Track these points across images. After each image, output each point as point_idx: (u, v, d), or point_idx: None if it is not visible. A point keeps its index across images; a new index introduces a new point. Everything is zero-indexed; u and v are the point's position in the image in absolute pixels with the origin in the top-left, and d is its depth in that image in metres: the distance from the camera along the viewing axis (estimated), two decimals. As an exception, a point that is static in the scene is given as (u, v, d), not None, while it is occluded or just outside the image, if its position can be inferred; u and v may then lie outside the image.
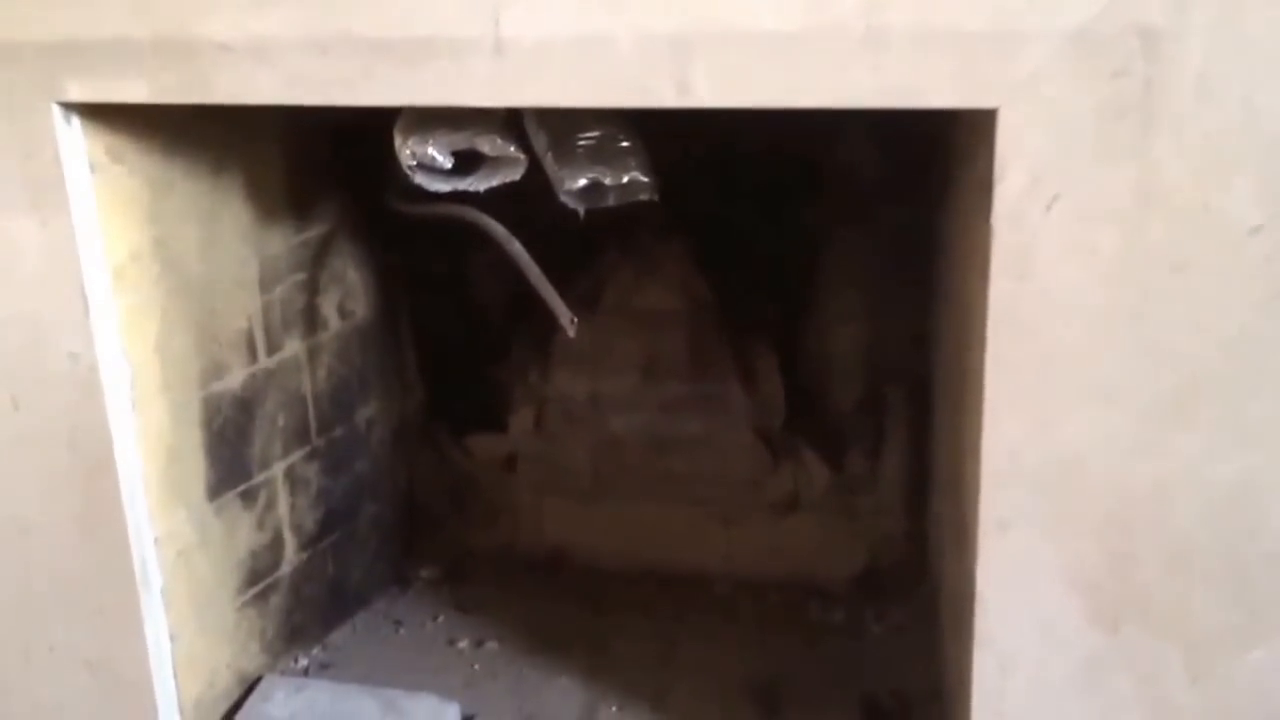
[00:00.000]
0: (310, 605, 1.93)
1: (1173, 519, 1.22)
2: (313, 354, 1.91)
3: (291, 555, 1.88)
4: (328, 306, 1.94)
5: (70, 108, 1.39)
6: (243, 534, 1.76)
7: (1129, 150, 1.12)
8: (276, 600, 1.85)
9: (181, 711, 1.64)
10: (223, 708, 1.72)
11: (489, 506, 2.20)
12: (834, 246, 1.99)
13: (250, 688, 1.75)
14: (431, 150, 1.44)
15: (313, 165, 1.85)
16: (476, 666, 1.87)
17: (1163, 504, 1.21)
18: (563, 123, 1.48)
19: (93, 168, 1.43)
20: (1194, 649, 1.24)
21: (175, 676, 1.63)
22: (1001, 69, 1.12)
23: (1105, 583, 1.25)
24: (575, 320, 1.56)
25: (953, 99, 1.16)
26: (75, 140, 1.41)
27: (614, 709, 1.74)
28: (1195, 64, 1.10)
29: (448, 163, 1.46)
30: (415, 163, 1.46)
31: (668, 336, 2.04)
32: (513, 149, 1.46)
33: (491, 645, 1.93)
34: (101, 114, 1.41)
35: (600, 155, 1.48)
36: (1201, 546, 1.22)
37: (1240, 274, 1.14)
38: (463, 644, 1.94)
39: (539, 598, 2.06)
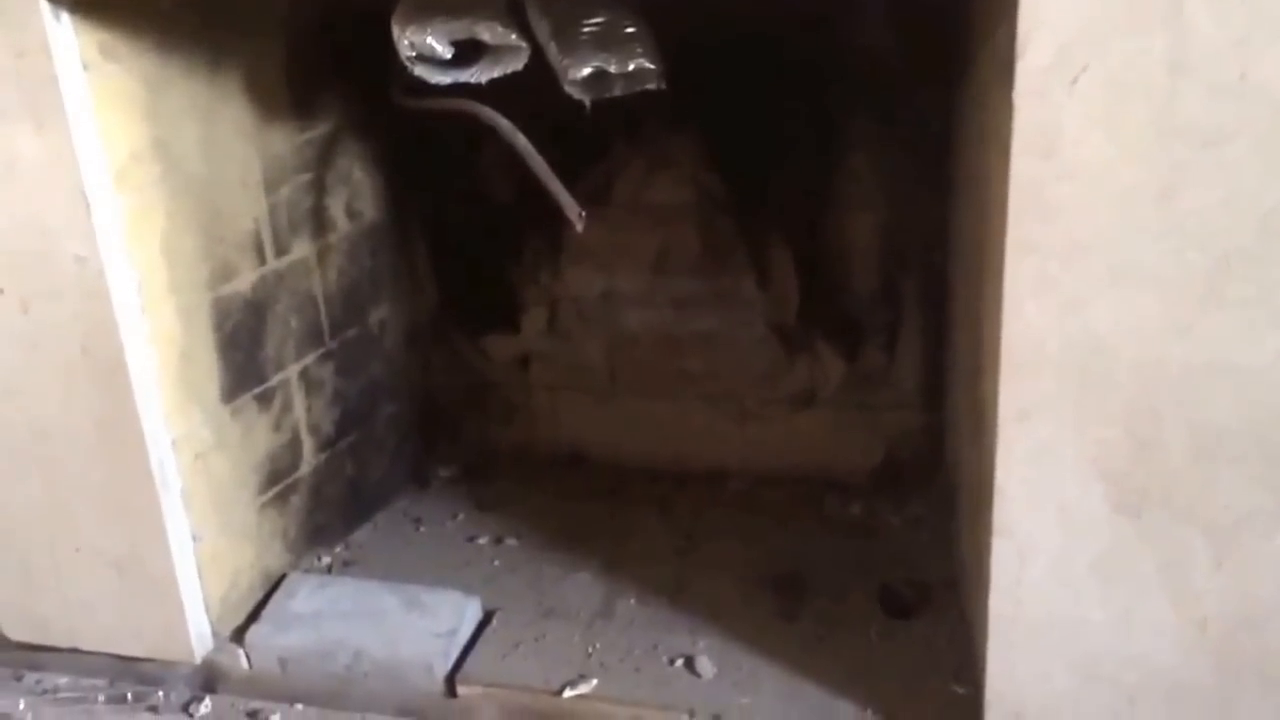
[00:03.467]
0: (331, 505, 1.95)
1: (1202, 404, 1.19)
2: (322, 255, 1.89)
3: (310, 456, 1.88)
4: (335, 207, 1.92)
5: (59, 3, 1.35)
6: (260, 436, 1.76)
7: (1160, 17, 1.07)
8: (297, 500, 1.86)
9: (207, 609, 1.67)
10: (248, 605, 1.74)
11: (506, 406, 2.20)
12: (849, 135, 1.94)
13: (275, 586, 1.77)
14: (430, 40, 1.40)
15: (314, 63, 1.80)
16: (496, 562, 1.89)
17: (1192, 389, 1.19)
18: (566, 9, 1.43)
19: (85, 66, 1.40)
20: (1218, 534, 1.23)
21: (200, 575, 1.65)
22: (1025, -67, 1.07)
23: (1129, 470, 1.23)
24: (584, 215, 1.53)
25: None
26: (66, 37, 1.37)
27: (632, 601, 1.75)
28: (1235, -82, 1.03)
29: (447, 53, 1.42)
30: (414, 54, 1.42)
31: (680, 231, 2.00)
32: (514, 37, 1.42)
33: (511, 541, 1.94)
34: (91, 9, 1.38)
35: (605, 43, 1.43)
36: (1231, 431, 1.19)
37: (1277, 147, 1.09)
38: (482, 540, 1.95)
39: (557, 495, 2.07)
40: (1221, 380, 1.17)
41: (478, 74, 1.46)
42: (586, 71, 1.42)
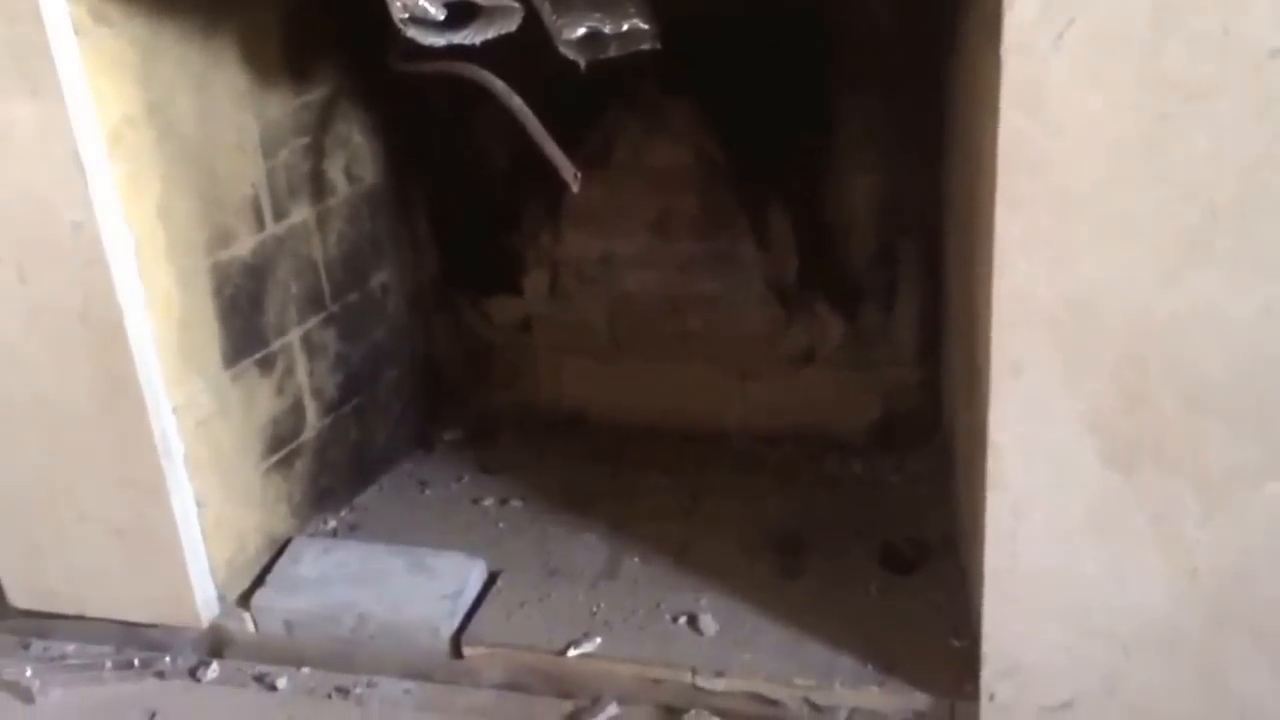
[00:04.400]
0: (336, 469, 1.96)
1: (1190, 356, 1.19)
2: (322, 220, 1.89)
3: (314, 421, 1.90)
4: (334, 171, 1.92)
5: (49, -32, 1.35)
6: (262, 401, 1.78)
7: (1145, -31, 1.06)
8: (302, 465, 1.88)
9: (213, 574, 1.69)
10: (254, 570, 1.76)
11: (509, 369, 2.21)
12: (846, 100, 1.93)
13: (280, 550, 1.79)
14: (423, 1, 1.40)
15: (309, 27, 1.80)
16: (501, 524, 1.90)
17: (1180, 341, 1.19)
18: (560, -31, 1.42)
19: (77, 30, 1.40)
20: (1209, 485, 1.23)
21: (205, 541, 1.66)
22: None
23: (1120, 423, 1.23)
24: (579, 175, 1.53)
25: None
26: (57, 2, 1.37)
27: (636, 561, 1.77)
28: None
29: (440, 14, 1.41)
30: (407, 15, 1.41)
31: (679, 194, 2.00)
32: (507, -3, 1.41)
33: (515, 503, 1.95)
34: (81, -26, 1.38)
35: (599, 3, 1.43)
36: (1219, 383, 1.20)
37: (1260, 99, 1.08)
38: (487, 503, 1.97)
39: (561, 456, 2.09)
40: (1209, 332, 1.18)
41: (471, 35, 1.45)
42: (581, 32, 1.42)
